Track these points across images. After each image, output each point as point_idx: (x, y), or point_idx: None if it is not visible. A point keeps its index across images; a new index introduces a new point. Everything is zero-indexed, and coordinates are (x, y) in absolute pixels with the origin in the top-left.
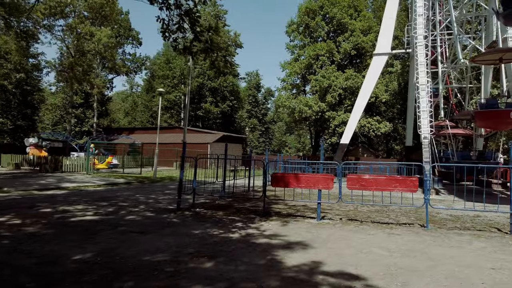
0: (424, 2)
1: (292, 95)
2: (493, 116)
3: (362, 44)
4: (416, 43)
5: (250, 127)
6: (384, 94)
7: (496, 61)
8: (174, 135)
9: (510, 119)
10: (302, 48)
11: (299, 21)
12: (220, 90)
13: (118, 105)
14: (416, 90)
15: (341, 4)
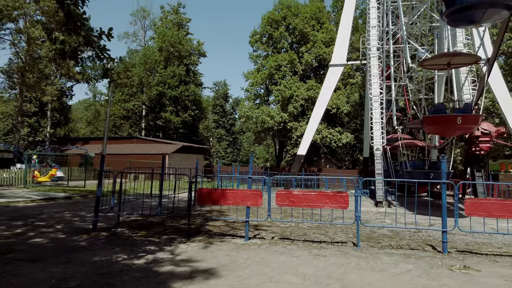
0: (378, 14)
1: (255, 105)
2: (441, 121)
3: (324, 56)
4: (370, 55)
5: (217, 137)
6: (346, 105)
7: (444, 66)
8: (132, 145)
9: (457, 124)
10: (265, 58)
11: (262, 31)
12: (181, 99)
13: (81, 113)
14: (370, 101)
15: (304, 15)
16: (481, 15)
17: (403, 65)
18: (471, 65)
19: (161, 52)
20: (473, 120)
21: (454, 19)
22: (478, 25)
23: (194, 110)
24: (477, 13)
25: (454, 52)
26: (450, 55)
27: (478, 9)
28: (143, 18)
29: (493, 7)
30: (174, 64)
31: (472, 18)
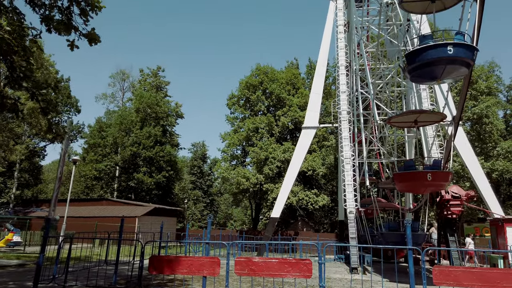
0: (347, 80)
1: (232, 166)
2: (411, 178)
3: (300, 119)
4: (340, 118)
5: (193, 199)
6: (321, 168)
7: (411, 123)
8: (101, 208)
9: (428, 181)
10: (243, 120)
11: (240, 94)
12: (156, 160)
13: (53, 174)
14: (342, 163)
15: (280, 81)
16: (441, 71)
17: (374, 129)
18: (437, 123)
19: (138, 113)
20: (443, 177)
21: (416, 75)
22: (439, 81)
23: (169, 171)
24: (437, 69)
25: (420, 109)
26: (417, 112)
27: (438, 66)
28: (122, 80)
29: (452, 64)
30: (151, 125)
31: (433, 75)
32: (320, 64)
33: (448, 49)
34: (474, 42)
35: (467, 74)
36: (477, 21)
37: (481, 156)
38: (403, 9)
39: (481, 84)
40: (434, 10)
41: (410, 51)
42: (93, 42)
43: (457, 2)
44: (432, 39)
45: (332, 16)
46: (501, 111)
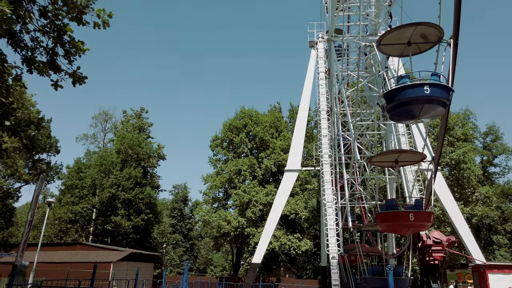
0: (328, 125)
1: (213, 208)
2: (393, 218)
3: (283, 162)
4: (322, 162)
5: (173, 243)
6: (304, 211)
7: (392, 163)
8: (74, 253)
9: (410, 221)
10: (225, 162)
11: (223, 136)
12: (135, 202)
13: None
14: (324, 206)
15: (263, 124)
16: (419, 110)
17: (356, 172)
18: (417, 163)
19: (119, 154)
20: (425, 217)
21: (395, 114)
22: (417, 120)
23: (148, 214)
24: (415, 108)
25: (401, 149)
26: (397, 152)
27: (416, 105)
28: (104, 121)
29: (429, 103)
30: (131, 166)
31: (411, 113)
32: (302, 109)
33: (425, 88)
34: (449, 83)
35: (444, 114)
36: (451, 64)
37: (461, 201)
38: (381, 51)
39: (457, 131)
40: (410, 53)
41: (388, 90)
42: (78, 83)
43: (432, 46)
44: (409, 79)
45: (313, 63)
46: (478, 157)
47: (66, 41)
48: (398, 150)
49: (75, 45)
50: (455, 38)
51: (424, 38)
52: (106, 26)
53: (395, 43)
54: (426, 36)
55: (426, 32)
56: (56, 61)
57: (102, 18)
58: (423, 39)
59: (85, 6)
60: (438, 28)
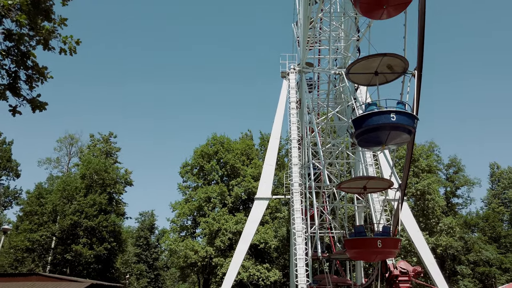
0: (299, 153)
1: (180, 237)
2: (362, 245)
3: (253, 189)
4: (292, 190)
5: (137, 274)
6: (274, 240)
7: (360, 189)
8: (29, 284)
9: (378, 248)
10: (195, 189)
11: (194, 163)
12: (98, 230)
13: None
14: (293, 236)
15: (235, 151)
16: (386, 137)
17: (325, 200)
18: (384, 189)
19: (83, 179)
20: (393, 243)
21: (363, 140)
22: (384, 146)
23: (112, 243)
24: (382, 134)
25: (369, 176)
26: (366, 178)
27: (383, 131)
28: (69, 145)
29: (396, 130)
30: (96, 192)
31: (378, 140)
32: (273, 137)
33: (392, 116)
34: (414, 112)
35: (410, 141)
36: (415, 94)
37: (426, 231)
38: (350, 80)
39: (422, 162)
40: (377, 82)
41: (357, 116)
42: (38, 109)
43: (398, 76)
44: (376, 107)
45: (285, 93)
46: (441, 188)
47: (30, 66)
48: (367, 176)
49: (38, 71)
50: (419, 70)
51: (390, 69)
52: (73, 53)
53: (363, 72)
54: (392, 67)
55: (392, 63)
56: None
57: (69, 45)
58: (389, 70)
59: (51, 32)
60: (403, 60)
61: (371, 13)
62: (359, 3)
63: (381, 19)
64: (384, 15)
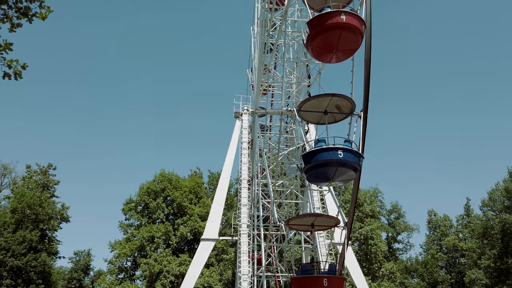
0: (248, 194)
1: (118, 280)
2: (308, 283)
3: (200, 229)
4: (240, 231)
5: None
6: (218, 284)
7: (308, 227)
8: None
9: (324, 286)
10: (138, 228)
11: (138, 200)
12: (26, 271)
13: None
14: (239, 279)
15: (183, 189)
16: (334, 172)
17: (273, 246)
18: (331, 227)
19: (14, 213)
20: (339, 282)
21: (312, 175)
22: (331, 182)
23: (40, 285)
24: (330, 170)
25: (317, 213)
26: (314, 215)
27: (331, 167)
28: (1, 176)
29: (343, 166)
30: (27, 228)
31: (326, 175)
32: (224, 176)
33: (339, 152)
34: (360, 150)
35: (356, 178)
36: (361, 134)
37: (369, 276)
38: (301, 117)
39: (366, 207)
40: (326, 121)
41: (306, 152)
42: None
43: (346, 117)
44: (325, 143)
45: (237, 133)
46: (384, 233)
47: None
48: (315, 213)
49: None
50: (365, 112)
51: (339, 109)
52: (18, 77)
53: (313, 111)
54: (340, 107)
55: (340, 103)
56: None
57: (14, 69)
58: (337, 110)
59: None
60: (351, 101)
61: (322, 57)
62: (311, 47)
63: (331, 62)
64: (334, 59)
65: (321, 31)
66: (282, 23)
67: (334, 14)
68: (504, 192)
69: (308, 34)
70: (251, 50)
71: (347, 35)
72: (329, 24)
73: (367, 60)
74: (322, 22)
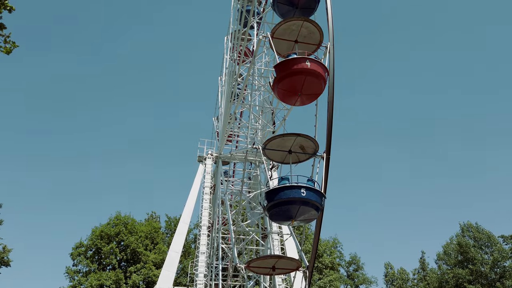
0: (207, 241)
1: None
2: None
3: (154, 278)
4: (197, 281)
5: None
6: None
7: (269, 269)
8: None
9: None
10: (86, 275)
11: (90, 244)
12: None
13: None
14: None
15: (139, 233)
16: (296, 211)
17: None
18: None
19: None
20: None
21: (274, 213)
22: (293, 221)
23: None
24: (293, 208)
25: (279, 255)
26: (275, 257)
27: (293, 205)
28: None
29: (305, 205)
30: None
31: (289, 214)
32: (182, 221)
33: (302, 191)
34: (322, 191)
35: (318, 219)
36: (324, 175)
37: None
38: (266, 156)
39: (325, 259)
40: (290, 161)
41: (270, 189)
42: None
43: (309, 157)
44: (289, 181)
45: (200, 178)
46: (342, 286)
47: None
48: (276, 255)
49: None
50: (327, 154)
51: (303, 149)
52: None
53: (278, 149)
54: (304, 147)
55: (304, 144)
56: None
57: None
58: (301, 150)
59: None
60: (314, 142)
61: (288, 99)
62: (277, 89)
63: (296, 105)
64: (298, 102)
65: (287, 74)
66: (248, 74)
67: (300, 60)
68: (457, 247)
69: (275, 77)
70: (217, 99)
71: (311, 80)
72: (294, 69)
73: (330, 104)
74: (289, 67)
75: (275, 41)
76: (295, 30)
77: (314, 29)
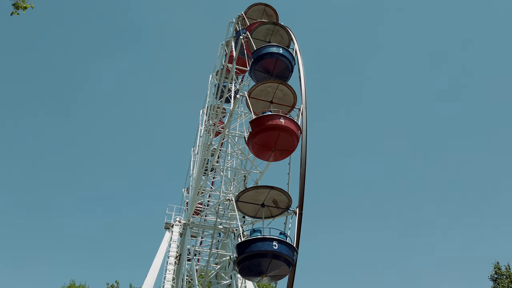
0: None
1: None
2: None
3: None
4: None
5: None
6: None
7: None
8: None
9: None
10: None
11: None
12: None
13: None
14: None
15: None
16: (267, 265)
17: None
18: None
19: None
20: None
21: (244, 267)
22: (264, 277)
23: None
24: (264, 262)
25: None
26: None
27: (265, 259)
28: None
29: (277, 259)
30: None
31: (260, 268)
32: None
33: (274, 244)
34: (294, 245)
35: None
36: (296, 229)
37: None
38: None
39: None
40: (263, 215)
41: (240, 242)
42: None
43: (282, 212)
44: (261, 234)
45: (165, 245)
46: None
47: None
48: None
49: None
50: (300, 209)
51: (276, 204)
52: None
53: (251, 202)
54: (278, 202)
55: (277, 198)
56: None
57: None
58: (274, 204)
59: None
60: (288, 196)
61: (262, 154)
62: (252, 144)
63: (269, 161)
64: (272, 158)
65: (262, 130)
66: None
67: (274, 117)
68: None
69: (250, 132)
70: (189, 169)
71: (285, 136)
72: (269, 124)
73: (303, 160)
74: (263, 122)
75: (252, 100)
76: (271, 92)
77: (289, 91)
